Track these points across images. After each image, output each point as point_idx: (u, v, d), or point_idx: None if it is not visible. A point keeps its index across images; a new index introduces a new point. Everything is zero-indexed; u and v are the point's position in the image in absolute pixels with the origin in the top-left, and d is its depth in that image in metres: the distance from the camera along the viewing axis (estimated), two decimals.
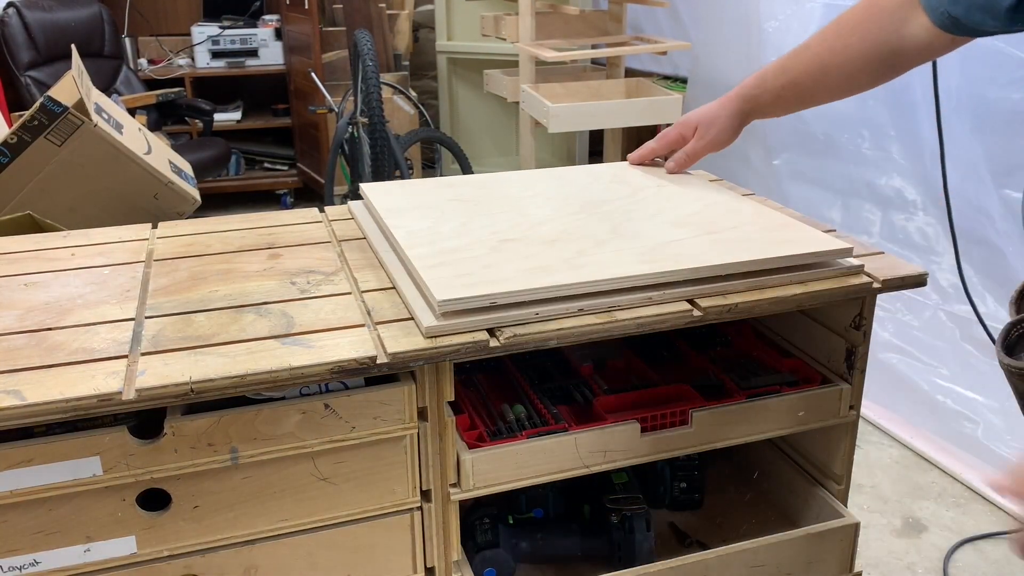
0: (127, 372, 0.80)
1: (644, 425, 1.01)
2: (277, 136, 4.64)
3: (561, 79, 3.30)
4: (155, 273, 1.04)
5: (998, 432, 2.13)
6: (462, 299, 0.87)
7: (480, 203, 1.16)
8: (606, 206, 1.14)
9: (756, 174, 2.95)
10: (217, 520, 0.87)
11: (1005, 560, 1.86)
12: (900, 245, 2.42)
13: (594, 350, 1.23)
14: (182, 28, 4.53)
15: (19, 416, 0.75)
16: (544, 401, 1.09)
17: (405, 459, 0.91)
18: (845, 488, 1.16)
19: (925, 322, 2.39)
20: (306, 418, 0.85)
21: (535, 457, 0.97)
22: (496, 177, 1.30)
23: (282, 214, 1.27)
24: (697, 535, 1.22)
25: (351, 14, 4.41)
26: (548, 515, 1.19)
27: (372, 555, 0.94)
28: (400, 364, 0.84)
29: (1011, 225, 2.12)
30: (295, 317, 0.91)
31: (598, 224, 1.07)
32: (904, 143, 2.41)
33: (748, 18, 2.86)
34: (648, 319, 0.91)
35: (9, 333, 0.89)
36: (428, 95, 4.81)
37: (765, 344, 1.23)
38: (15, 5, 3.57)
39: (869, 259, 1.05)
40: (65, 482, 0.80)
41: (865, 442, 2.28)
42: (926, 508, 2.03)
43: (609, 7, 3.30)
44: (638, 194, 1.19)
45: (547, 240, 1.02)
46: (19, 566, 0.82)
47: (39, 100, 1.56)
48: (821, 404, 1.08)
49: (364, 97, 3.16)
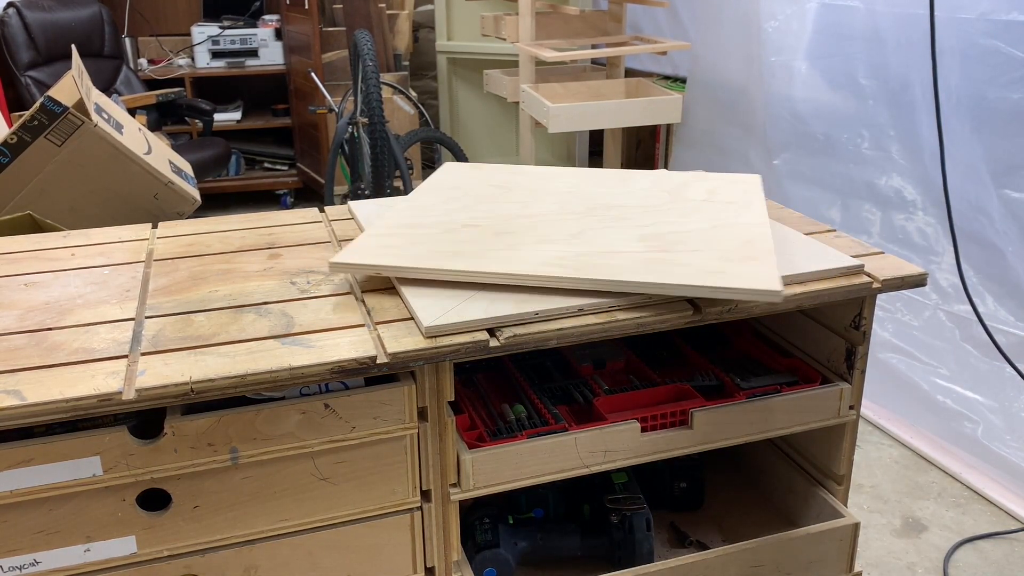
0: (127, 372, 0.80)
1: (644, 425, 1.01)
2: (277, 136, 4.64)
3: (561, 79, 3.30)
4: (155, 273, 1.04)
5: (998, 432, 2.13)
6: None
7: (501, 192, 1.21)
8: (614, 211, 1.14)
9: (756, 174, 2.95)
10: (217, 520, 0.87)
11: (1005, 560, 1.86)
12: (900, 245, 2.42)
13: (594, 350, 1.23)
14: (182, 28, 4.54)
15: (19, 416, 0.75)
16: (544, 401, 1.09)
17: (405, 459, 0.91)
18: (845, 488, 1.16)
19: (925, 322, 2.39)
20: (306, 418, 0.85)
21: (535, 457, 0.97)
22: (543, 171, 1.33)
23: (282, 214, 1.27)
24: (697, 535, 1.22)
25: (351, 14, 4.41)
26: (548, 515, 1.19)
27: (372, 555, 0.94)
28: (400, 364, 0.84)
29: (1011, 225, 2.12)
30: (295, 317, 0.91)
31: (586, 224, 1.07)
32: (904, 143, 2.41)
33: (748, 18, 2.86)
34: (648, 319, 0.91)
35: (9, 333, 0.89)
36: (428, 95, 4.81)
37: (765, 344, 1.23)
38: (15, 5, 3.57)
39: (869, 259, 1.05)
40: (65, 482, 0.80)
41: (865, 442, 2.28)
42: (926, 508, 2.03)
43: (609, 7, 3.30)
44: (666, 206, 1.16)
45: (500, 232, 1.07)
46: (19, 566, 0.82)
47: (39, 100, 1.56)
48: (821, 404, 1.08)
49: (364, 97, 3.17)
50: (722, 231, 1.07)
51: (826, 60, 2.61)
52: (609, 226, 1.08)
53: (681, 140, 3.38)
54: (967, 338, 2.27)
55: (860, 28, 2.49)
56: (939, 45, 2.13)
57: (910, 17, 2.30)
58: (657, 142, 3.66)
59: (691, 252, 1.00)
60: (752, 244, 1.01)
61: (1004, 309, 2.17)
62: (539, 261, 0.98)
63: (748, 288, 0.90)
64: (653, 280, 0.93)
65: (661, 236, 1.05)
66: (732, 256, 0.98)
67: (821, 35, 2.62)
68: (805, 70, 2.67)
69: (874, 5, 2.42)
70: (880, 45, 2.43)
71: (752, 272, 0.93)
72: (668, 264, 0.97)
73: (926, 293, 2.37)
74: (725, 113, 3.11)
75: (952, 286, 2.30)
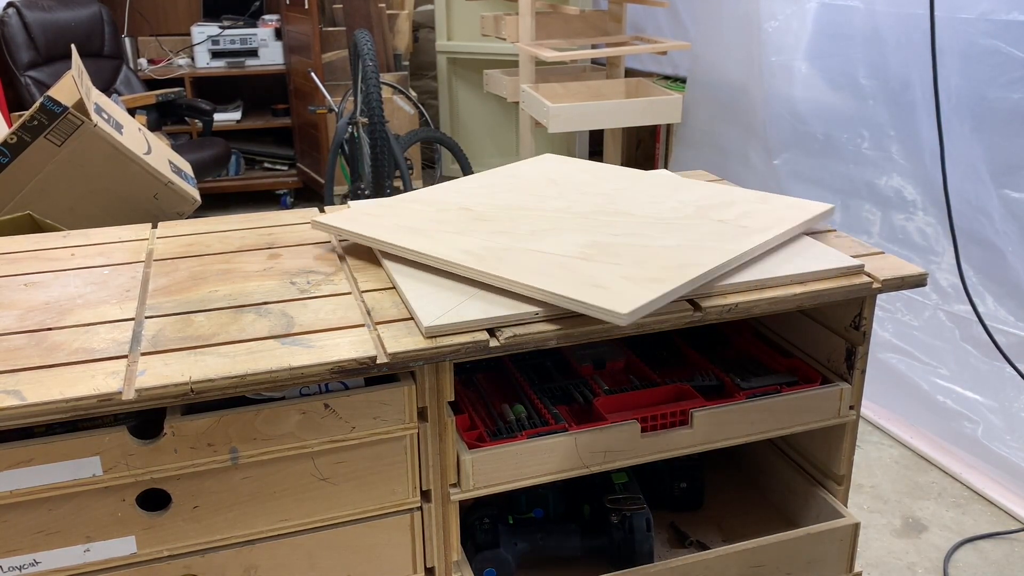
0: (127, 372, 0.80)
1: (644, 425, 1.01)
2: (277, 136, 4.64)
3: (561, 79, 3.30)
4: (155, 273, 1.04)
5: (998, 432, 2.13)
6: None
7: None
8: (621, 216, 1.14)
9: (756, 174, 2.95)
10: (217, 520, 0.87)
11: (1005, 560, 1.86)
12: (900, 245, 2.42)
13: (594, 350, 1.23)
14: (182, 28, 4.54)
15: (19, 416, 0.75)
16: (544, 401, 1.09)
17: (405, 459, 0.91)
18: (845, 488, 1.16)
19: (925, 322, 2.39)
20: (306, 418, 0.85)
21: (535, 457, 0.97)
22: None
23: (282, 214, 1.27)
24: (697, 535, 1.22)
25: (351, 14, 4.41)
26: (548, 515, 1.19)
27: (372, 555, 0.94)
28: (400, 364, 0.84)
29: (1011, 225, 2.12)
30: (295, 317, 0.91)
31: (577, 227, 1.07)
32: (904, 143, 2.41)
33: (748, 18, 2.86)
34: (648, 319, 0.91)
35: (9, 333, 0.89)
36: (428, 95, 4.81)
37: (765, 344, 1.23)
38: (15, 5, 3.57)
39: (869, 259, 1.05)
40: (65, 482, 0.80)
41: (865, 442, 2.28)
42: (926, 508, 2.03)
43: (609, 7, 3.30)
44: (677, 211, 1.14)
45: (481, 218, 1.11)
46: (19, 566, 0.82)
47: (39, 100, 1.56)
48: (821, 404, 1.08)
49: (364, 97, 3.16)
50: (669, 251, 1.01)
51: (826, 60, 2.61)
52: (586, 229, 1.08)
53: (681, 140, 3.38)
54: (967, 338, 2.27)
55: (860, 28, 2.49)
56: (939, 45, 2.13)
57: (910, 17, 2.30)
58: (657, 142, 3.66)
59: (603, 264, 0.97)
60: (670, 269, 0.95)
61: (1004, 309, 2.17)
62: (461, 248, 1.01)
63: (594, 305, 0.87)
64: (519, 280, 0.93)
65: (601, 244, 1.03)
66: (636, 275, 0.94)
67: (821, 35, 2.62)
68: (805, 70, 2.67)
69: (874, 5, 2.42)
70: (880, 45, 2.43)
71: (621, 291, 0.89)
72: (564, 270, 0.95)
73: (926, 293, 2.37)
74: (725, 113, 3.11)
75: (952, 286, 2.30)
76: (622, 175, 1.29)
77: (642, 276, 0.93)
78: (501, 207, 1.16)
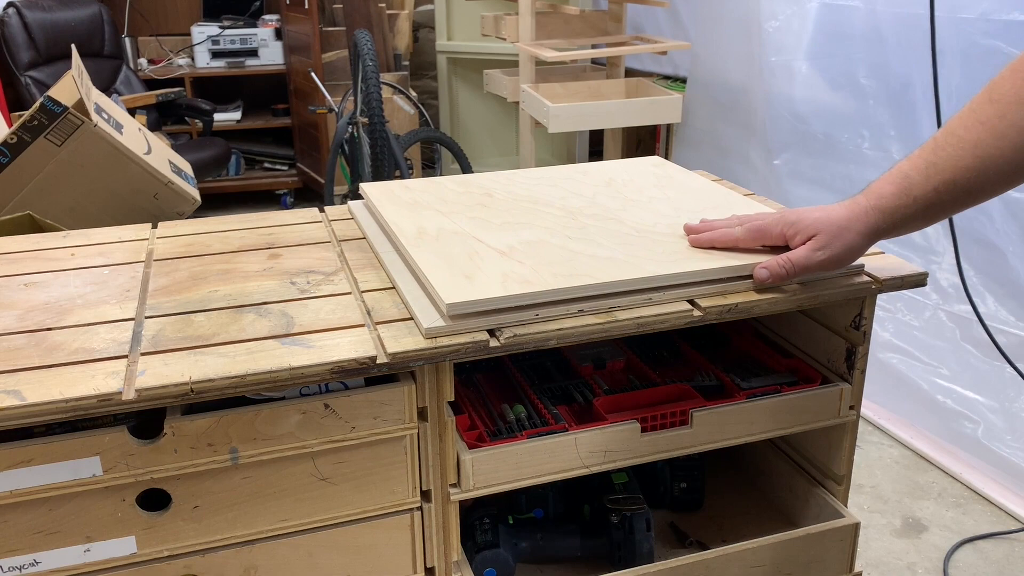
0: (127, 372, 0.80)
1: (644, 425, 1.01)
2: (277, 136, 4.64)
3: (561, 79, 3.30)
4: (155, 273, 1.04)
5: (998, 432, 2.13)
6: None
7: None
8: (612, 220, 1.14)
9: (756, 174, 2.95)
10: (217, 520, 0.87)
11: (1005, 560, 1.86)
12: (900, 245, 2.42)
13: (594, 350, 1.23)
14: (182, 28, 4.54)
15: (19, 416, 0.75)
16: (544, 401, 1.09)
17: (405, 459, 0.91)
18: (845, 488, 1.16)
19: (925, 322, 2.39)
20: (306, 418, 0.85)
21: (535, 457, 0.97)
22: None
23: (282, 214, 1.27)
24: (697, 535, 1.22)
25: (351, 14, 4.41)
26: (548, 515, 1.19)
27: (372, 555, 0.94)
28: (400, 364, 0.84)
29: (1011, 225, 2.12)
30: (295, 317, 0.91)
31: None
32: (904, 143, 2.41)
33: (748, 18, 2.86)
34: (648, 319, 0.91)
35: (9, 333, 0.89)
36: (428, 95, 4.81)
37: (765, 344, 1.23)
38: (15, 5, 3.57)
39: (869, 259, 1.05)
40: (65, 482, 0.80)
41: (865, 442, 2.28)
42: (926, 508, 2.03)
43: (609, 7, 3.30)
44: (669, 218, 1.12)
45: (481, 204, 1.15)
46: (19, 566, 0.82)
47: (39, 100, 1.56)
48: (821, 404, 1.08)
49: (364, 97, 3.17)
50: (584, 259, 0.99)
51: (826, 60, 2.62)
52: (548, 227, 1.09)
53: (681, 140, 3.38)
54: (967, 338, 2.27)
55: (860, 28, 2.49)
56: (940, 45, 2.13)
57: (910, 17, 2.30)
58: (657, 142, 3.66)
59: (511, 260, 0.97)
60: (558, 276, 0.93)
61: (1004, 309, 2.17)
62: (413, 230, 1.06)
63: (432, 287, 0.91)
64: (419, 260, 0.97)
65: (534, 243, 1.04)
66: (517, 274, 0.93)
67: (821, 35, 2.62)
68: (805, 70, 2.67)
69: (874, 5, 2.42)
70: (880, 45, 2.43)
71: (476, 285, 0.90)
72: (471, 259, 0.98)
73: (926, 293, 2.37)
74: (725, 113, 3.11)
75: (952, 286, 2.30)
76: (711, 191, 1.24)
77: (518, 277, 0.93)
78: (514, 198, 1.19)
